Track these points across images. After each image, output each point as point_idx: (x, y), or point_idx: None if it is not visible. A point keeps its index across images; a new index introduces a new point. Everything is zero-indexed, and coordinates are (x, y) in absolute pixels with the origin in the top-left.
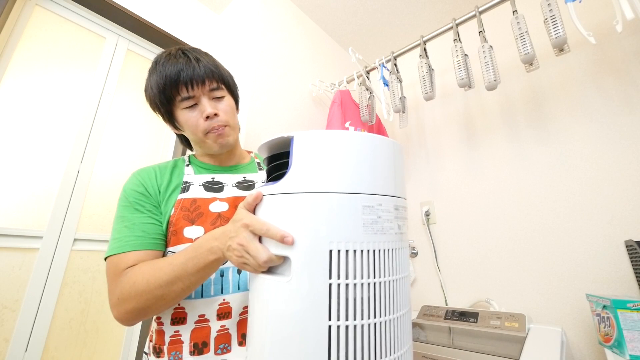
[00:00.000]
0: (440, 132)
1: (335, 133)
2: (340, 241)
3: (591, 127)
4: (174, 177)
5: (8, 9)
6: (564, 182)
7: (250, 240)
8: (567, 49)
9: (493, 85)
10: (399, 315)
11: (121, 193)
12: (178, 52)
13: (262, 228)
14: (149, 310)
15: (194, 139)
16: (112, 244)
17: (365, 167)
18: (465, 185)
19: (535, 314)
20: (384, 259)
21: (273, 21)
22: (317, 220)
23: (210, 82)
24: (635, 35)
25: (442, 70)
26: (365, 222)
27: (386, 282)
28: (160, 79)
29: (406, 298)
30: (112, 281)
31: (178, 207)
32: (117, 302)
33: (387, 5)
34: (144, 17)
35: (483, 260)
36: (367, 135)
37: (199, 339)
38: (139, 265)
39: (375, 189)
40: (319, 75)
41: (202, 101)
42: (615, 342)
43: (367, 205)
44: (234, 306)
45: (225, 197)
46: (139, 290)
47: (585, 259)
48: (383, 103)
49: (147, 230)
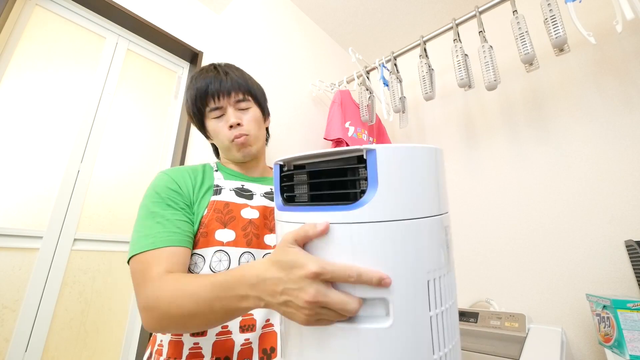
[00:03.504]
0: (440, 132)
1: (416, 148)
2: (435, 269)
3: (591, 127)
4: (205, 178)
5: (8, 9)
6: (563, 182)
7: (327, 292)
8: (567, 49)
9: (493, 85)
10: (458, 332)
11: (149, 191)
12: (210, 67)
13: (349, 274)
14: (173, 330)
15: (222, 146)
16: (142, 240)
17: (441, 184)
18: (465, 185)
19: (535, 314)
20: (454, 276)
21: (273, 21)
22: (416, 251)
23: (236, 94)
24: (635, 35)
25: (442, 70)
26: (445, 244)
27: (455, 299)
28: (193, 92)
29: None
30: (139, 284)
31: (211, 208)
32: (143, 309)
33: (387, 5)
34: (144, 17)
35: (483, 260)
36: (435, 149)
37: (221, 353)
38: (165, 279)
39: (446, 207)
40: (319, 75)
41: (228, 111)
42: (615, 342)
43: (447, 226)
44: (258, 318)
45: (256, 205)
46: (161, 310)
47: (585, 259)
48: (383, 103)
49: (181, 227)
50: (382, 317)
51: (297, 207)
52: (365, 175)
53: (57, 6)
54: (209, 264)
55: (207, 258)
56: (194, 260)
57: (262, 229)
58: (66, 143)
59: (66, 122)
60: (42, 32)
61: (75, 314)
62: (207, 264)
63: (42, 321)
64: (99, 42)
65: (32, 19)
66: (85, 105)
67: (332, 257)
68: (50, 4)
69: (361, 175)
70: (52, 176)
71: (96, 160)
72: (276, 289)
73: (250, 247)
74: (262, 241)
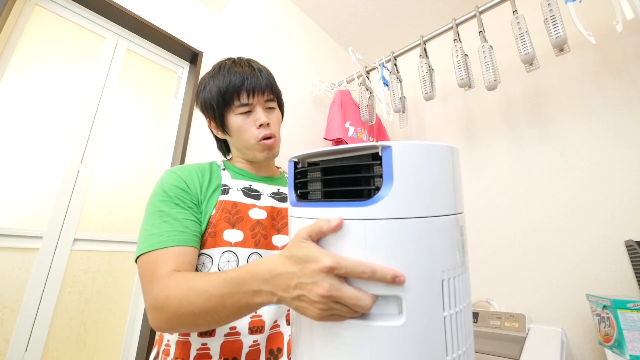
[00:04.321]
0: (440, 132)
1: (432, 145)
2: (449, 269)
3: (591, 127)
4: (213, 177)
5: (8, 8)
6: (564, 182)
7: (340, 287)
8: (567, 49)
9: (493, 85)
10: (472, 334)
11: (157, 189)
12: (242, 61)
13: (363, 270)
14: (182, 329)
15: (244, 144)
16: (150, 239)
17: (458, 183)
18: (465, 185)
19: (535, 314)
20: (469, 277)
21: (273, 21)
22: (430, 250)
23: (268, 94)
24: (635, 35)
25: (442, 70)
26: (461, 245)
27: (469, 301)
28: (223, 83)
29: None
30: (147, 283)
31: (219, 208)
32: (151, 308)
33: (387, 5)
34: (144, 17)
35: (483, 260)
36: (451, 147)
37: (229, 354)
38: (174, 277)
39: (462, 207)
40: (319, 75)
41: (257, 109)
42: (615, 342)
43: (462, 226)
44: (266, 319)
45: (264, 205)
46: (170, 308)
47: (585, 259)
48: (383, 103)
49: (189, 226)
50: (395, 315)
51: (311, 203)
52: (381, 172)
53: (57, 6)
54: (217, 264)
55: (215, 258)
56: (201, 260)
57: (269, 230)
58: (66, 143)
59: (66, 122)
60: (42, 32)
61: (75, 314)
62: (216, 264)
63: (42, 321)
64: (99, 42)
65: (32, 19)
66: (85, 105)
67: (345, 253)
68: (50, 4)
69: (376, 172)
70: (52, 176)
71: (96, 160)
72: (290, 283)
73: (258, 247)
74: (270, 242)
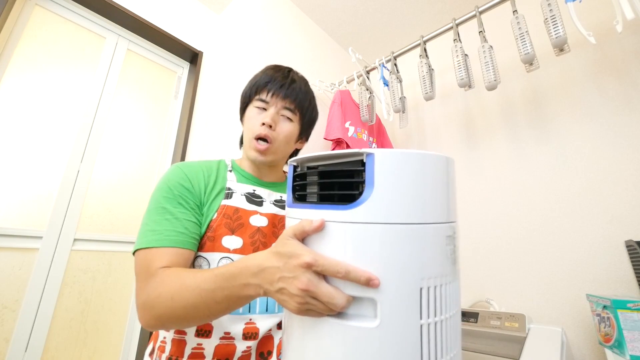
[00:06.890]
0: (440, 132)
1: (418, 154)
2: (430, 277)
3: (591, 127)
4: (219, 179)
5: (8, 9)
6: (563, 182)
7: (318, 283)
8: (567, 49)
9: (493, 85)
10: (460, 346)
11: (161, 184)
12: (284, 68)
13: (338, 269)
14: (172, 326)
15: (245, 137)
16: (149, 235)
17: (446, 193)
18: (465, 185)
19: (535, 314)
20: (458, 288)
21: (273, 21)
22: (407, 256)
23: (289, 102)
24: (635, 35)
25: (442, 70)
26: (448, 254)
27: (457, 311)
28: (256, 78)
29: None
30: (142, 280)
31: (221, 212)
32: (142, 306)
33: (387, 5)
34: (144, 17)
35: (483, 260)
36: (442, 157)
37: (222, 355)
38: (167, 273)
39: (453, 216)
40: (319, 75)
41: (270, 110)
42: (615, 342)
43: (449, 235)
44: (260, 327)
45: (265, 212)
46: (162, 305)
47: (585, 259)
48: (383, 103)
49: (189, 228)
50: (370, 318)
51: (302, 205)
52: (364, 178)
53: (57, 6)
54: None
55: (212, 263)
56: (198, 262)
57: (270, 237)
58: (66, 143)
59: (66, 122)
60: (42, 32)
61: (75, 314)
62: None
63: (42, 321)
64: (99, 42)
65: (32, 19)
66: (85, 105)
67: (327, 253)
68: (50, 4)
69: (362, 178)
70: (52, 176)
71: (96, 160)
72: (274, 277)
73: None
74: None
